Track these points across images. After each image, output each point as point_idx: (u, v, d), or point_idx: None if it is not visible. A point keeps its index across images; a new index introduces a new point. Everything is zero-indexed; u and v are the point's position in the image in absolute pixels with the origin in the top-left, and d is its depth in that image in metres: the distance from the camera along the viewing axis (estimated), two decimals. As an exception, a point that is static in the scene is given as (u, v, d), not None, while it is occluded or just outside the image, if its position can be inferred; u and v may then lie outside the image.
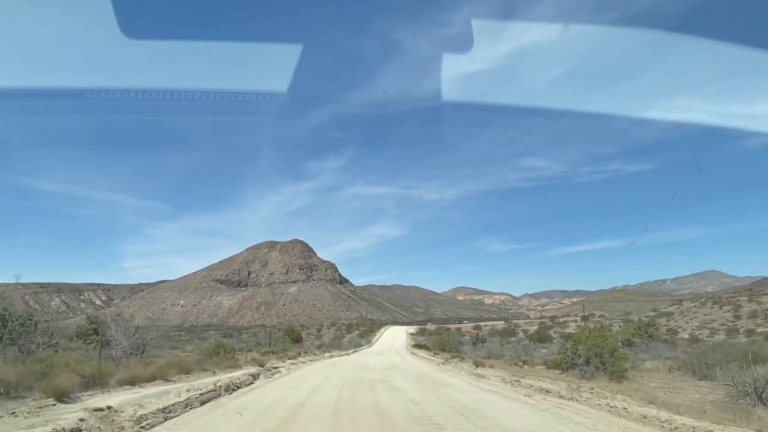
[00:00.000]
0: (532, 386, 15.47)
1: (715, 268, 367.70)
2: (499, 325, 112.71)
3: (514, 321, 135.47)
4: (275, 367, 25.58)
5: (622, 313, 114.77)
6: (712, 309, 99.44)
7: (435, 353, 42.89)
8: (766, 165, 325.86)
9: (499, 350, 41.74)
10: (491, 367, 23.32)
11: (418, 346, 67.67)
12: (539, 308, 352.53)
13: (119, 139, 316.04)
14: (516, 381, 17.05)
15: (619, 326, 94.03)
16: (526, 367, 24.76)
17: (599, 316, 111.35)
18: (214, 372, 18.88)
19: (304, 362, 31.97)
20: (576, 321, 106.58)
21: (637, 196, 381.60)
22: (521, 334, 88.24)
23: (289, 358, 32.95)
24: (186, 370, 17.57)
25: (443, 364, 29.88)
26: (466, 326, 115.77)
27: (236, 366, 22.32)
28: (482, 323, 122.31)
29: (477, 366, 23.80)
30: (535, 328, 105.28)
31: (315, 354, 42.79)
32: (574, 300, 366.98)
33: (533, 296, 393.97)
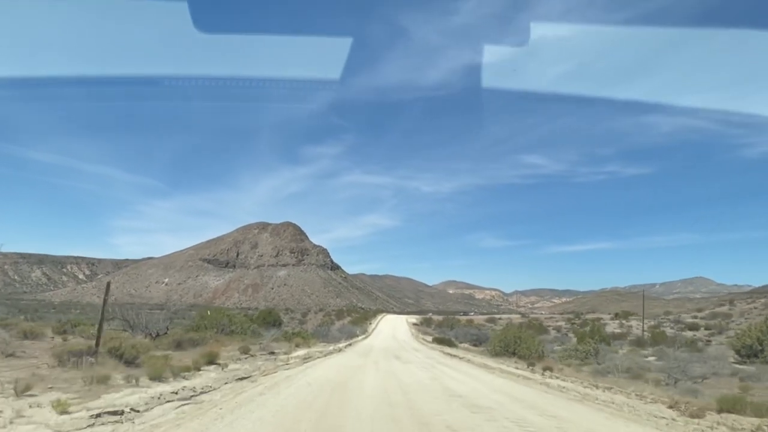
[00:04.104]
0: None
1: (704, 275, 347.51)
2: (516, 318, 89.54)
3: (533, 315, 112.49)
4: None
5: (660, 313, 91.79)
6: (784, 312, 76.43)
7: (519, 362, 19.24)
8: (761, 175, 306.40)
9: (646, 364, 18.14)
10: None
11: (440, 341, 44.18)
12: (529, 305, 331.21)
13: (116, 121, 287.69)
14: None
15: (672, 328, 71.44)
16: None
17: (626, 316, 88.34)
18: None
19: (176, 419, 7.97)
20: (615, 319, 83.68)
21: (633, 200, 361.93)
22: (553, 332, 68.11)
23: (164, 381, 8.97)
24: None
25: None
26: (478, 318, 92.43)
27: None
28: (496, 316, 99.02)
29: None
30: (562, 324, 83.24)
31: (273, 354, 18.86)
32: (564, 299, 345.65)
33: (523, 293, 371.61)
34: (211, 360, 12.20)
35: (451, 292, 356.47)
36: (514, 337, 25.05)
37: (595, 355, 29.01)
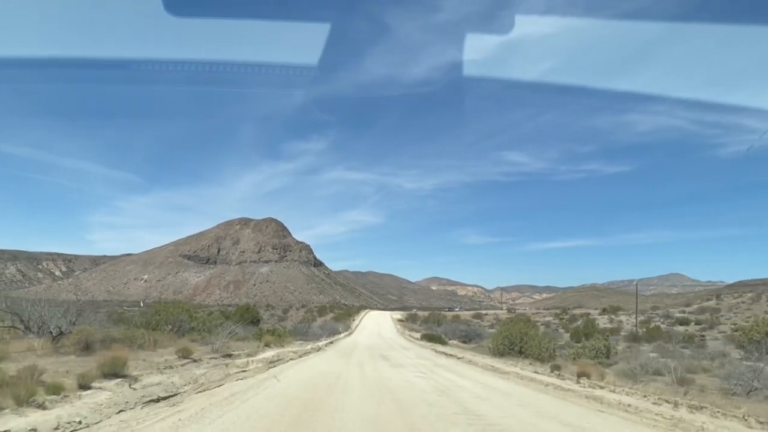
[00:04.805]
0: None
1: (679, 271, 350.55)
2: (502, 314, 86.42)
3: (519, 311, 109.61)
4: None
5: (648, 308, 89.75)
6: (773, 305, 75.07)
7: (534, 364, 15.40)
8: (735, 174, 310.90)
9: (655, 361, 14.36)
10: None
11: (429, 338, 40.36)
12: (510, 302, 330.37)
13: (92, 108, 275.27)
14: None
15: (662, 323, 69.02)
16: None
17: (615, 311, 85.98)
18: None
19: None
20: (603, 314, 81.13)
21: (612, 198, 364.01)
22: (542, 328, 65.18)
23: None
24: None
25: None
26: (464, 314, 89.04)
27: None
28: (482, 312, 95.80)
29: None
30: (550, 319, 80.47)
31: (230, 357, 14.70)
32: (545, 295, 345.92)
33: (505, 290, 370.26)
34: (118, 370, 8.08)
35: (434, 288, 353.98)
36: (521, 334, 21.22)
37: (607, 354, 25.51)
